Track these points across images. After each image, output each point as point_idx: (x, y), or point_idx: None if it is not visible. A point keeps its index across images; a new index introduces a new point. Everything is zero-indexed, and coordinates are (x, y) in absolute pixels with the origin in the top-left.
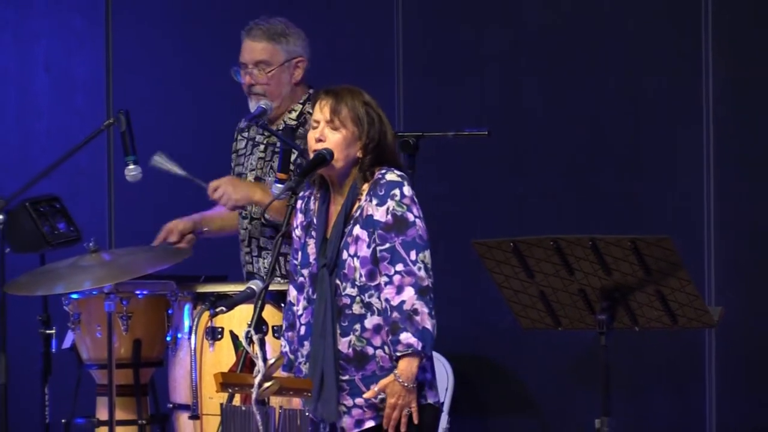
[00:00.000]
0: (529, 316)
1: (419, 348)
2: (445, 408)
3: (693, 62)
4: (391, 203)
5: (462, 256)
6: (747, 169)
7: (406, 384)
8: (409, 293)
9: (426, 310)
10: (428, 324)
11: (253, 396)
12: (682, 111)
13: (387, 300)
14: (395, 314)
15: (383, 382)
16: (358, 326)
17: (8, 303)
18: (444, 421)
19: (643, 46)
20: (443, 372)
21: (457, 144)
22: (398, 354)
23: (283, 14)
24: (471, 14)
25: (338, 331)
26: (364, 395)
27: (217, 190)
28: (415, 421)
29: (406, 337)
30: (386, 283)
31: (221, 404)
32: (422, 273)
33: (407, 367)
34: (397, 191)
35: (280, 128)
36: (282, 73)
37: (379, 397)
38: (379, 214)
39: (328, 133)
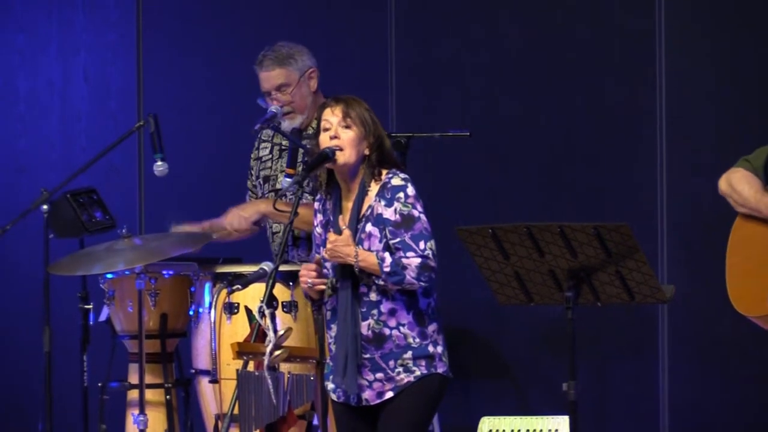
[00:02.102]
0: (505, 293)
1: (385, 269)
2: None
3: (647, 70)
4: (397, 204)
5: (447, 241)
6: (695, 165)
7: (356, 257)
8: (413, 261)
9: (414, 274)
10: (409, 275)
11: (265, 363)
12: (638, 114)
13: None
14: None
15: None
16: (375, 311)
17: (52, 282)
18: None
19: (604, 57)
20: None
21: (442, 143)
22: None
23: (295, 27)
24: (456, 29)
25: (359, 316)
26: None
27: (231, 222)
28: None
29: (388, 259)
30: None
31: (237, 370)
32: (430, 257)
33: (368, 258)
34: (401, 193)
35: (307, 134)
36: (301, 88)
37: (396, 369)
38: (389, 214)
39: (341, 132)
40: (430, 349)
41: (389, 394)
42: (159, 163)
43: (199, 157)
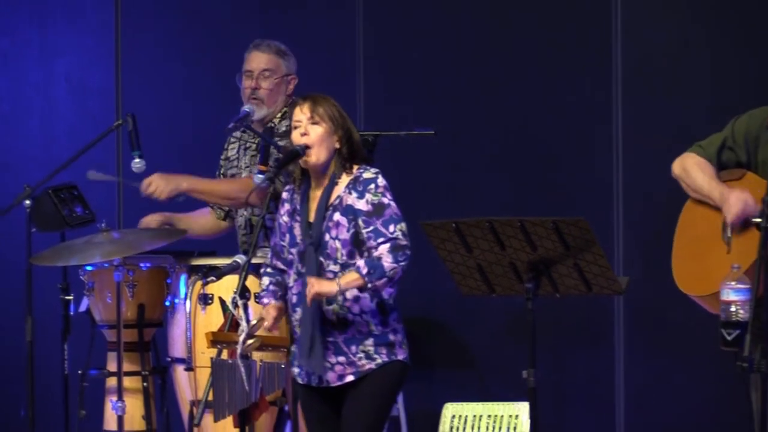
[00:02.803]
0: (468, 285)
1: (364, 272)
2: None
3: (603, 69)
4: (369, 195)
5: (412, 236)
6: (649, 161)
7: (338, 283)
8: (383, 247)
9: (390, 258)
10: (386, 263)
11: (238, 351)
12: (595, 112)
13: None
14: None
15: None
16: (340, 296)
17: (34, 273)
18: None
19: (561, 57)
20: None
21: (408, 142)
22: (349, 270)
23: (265, 28)
24: (421, 33)
25: (323, 300)
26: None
27: (150, 185)
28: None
29: (361, 263)
30: (374, 251)
31: (211, 358)
32: (400, 236)
33: (347, 276)
34: (372, 185)
35: (275, 125)
36: (280, 85)
37: (358, 354)
38: (361, 205)
39: (310, 129)
40: (391, 337)
41: (350, 378)
42: (137, 160)
43: (176, 154)
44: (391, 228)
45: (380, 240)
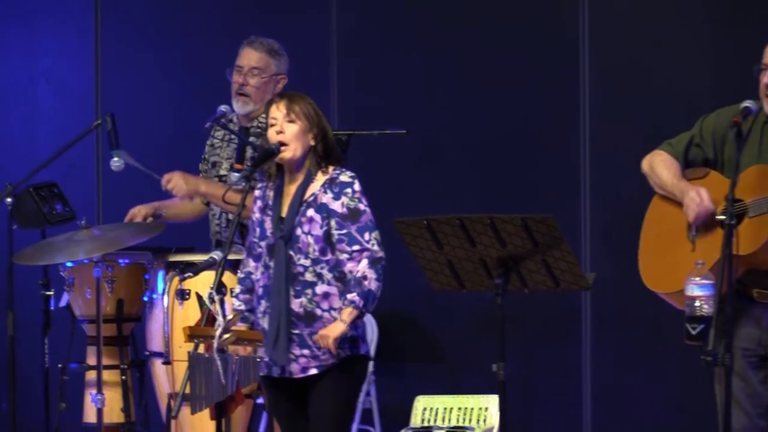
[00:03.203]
0: (439, 280)
1: (360, 305)
2: (371, 356)
3: (571, 68)
4: (345, 198)
5: (385, 232)
6: (616, 160)
7: (344, 323)
8: (363, 264)
9: (374, 276)
10: (373, 286)
11: (215, 345)
12: (563, 112)
13: (350, 271)
14: (353, 280)
15: (332, 326)
16: (309, 291)
17: (15, 270)
18: (370, 366)
19: (531, 59)
20: (370, 326)
21: (380, 141)
22: (344, 305)
23: (241, 28)
24: (395, 35)
25: (291, 293)
26: (314, 337)
27: (170, 181)
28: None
29: (352, 295)
30: (348, 260)
31: (188, 352)
32: (375, 247)
33: (347, 314)
34: (349, 189)
35: (254, 125)
36: (269, 83)
37: (322, 350)
38: (336, 206)
39: (286, 127)
40: (354, 332)
41: (313, 371)
42: (115, 159)
43: (153, 153)
44: (366, 236)
45: (355, 247)
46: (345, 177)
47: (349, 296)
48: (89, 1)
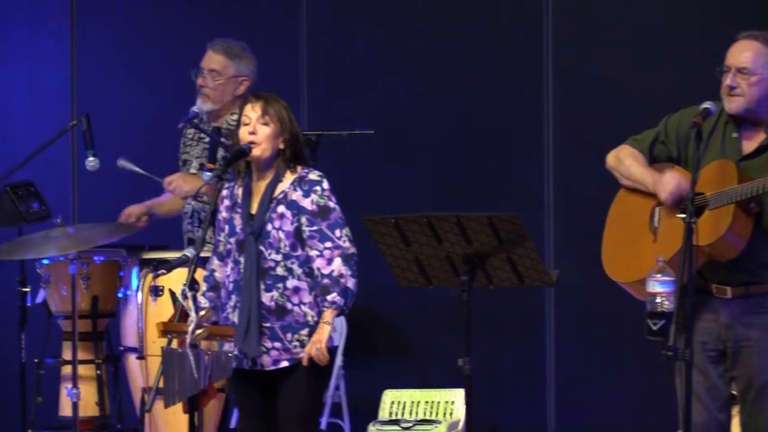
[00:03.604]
0: (407, 277)
1: (341, 304)
2: (341, 350)
3: (534, 70)
4: (314, 196)
5: (353, 230)
6: (578, 160)
7: (329, 325)
8: (337, 262)
9: (349, 273)
10: (350, 284)
11: (188, 340)
12: (527, 113)
13: (319, 269)
14: (326, 281)
15: (319, 331)
16: (281, 285)
17: None
18: (339, 359)
19: (496, 60)
20: (339, 321)
21: (349, 141)
22: (325, 308)
23: (211, 30)
24: (362, 37)
25: (262, 287)
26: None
27: (171, 183)
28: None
29: (332, 296)
30: (317, 257)
31: (162, 347)
32: (347, 244)
33: (330, 316)
34: (318, 187)
35: (223, 126)
36: (228, 85)
37: (293, 342)
38: (306, 204)
39: (259, 128)
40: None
41: (284, 363)
42: (90, 159)
43: (128, 153)
44: (337, 233)
45: (327, 244)
46: (313, 175)
47: (329, 297)
48: (65, 4)
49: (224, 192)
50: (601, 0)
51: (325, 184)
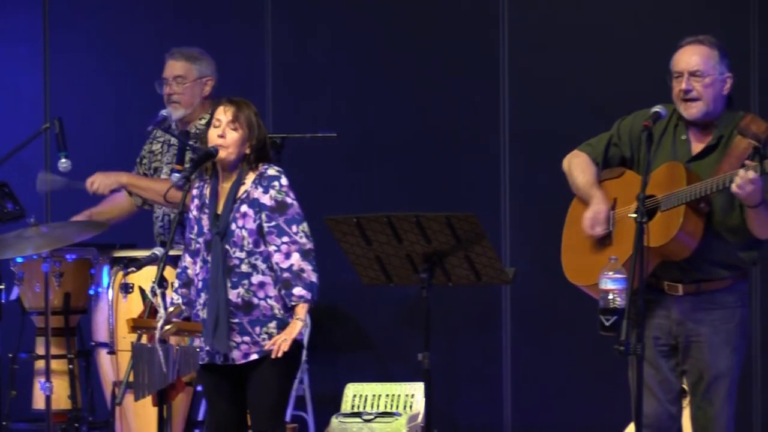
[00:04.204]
0: (368, 275)
1: (309, 297)
2: (305, 345)
3: (492, 75)
4: (272, 191)
5: (317, 229)
6: (533, 161)
7: (301, 320)
8: (295, 257)
9: (310, 267)
10: (314, 278)
11: (157, 336)
12: (484, 116)
13: (277, 263)
14: (286, 274)
15: (290, 326)
16: (246, 282)
17: None
18: (303, 355)
19: (453, 64)
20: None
21: (312, 143)
22: (293, 303)
23: (179, 35)
24: (324, 45)
25: (229, 285)
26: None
27: (93, 183)
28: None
29: (298, 290)
30: (275, 251)
31: (132, 342)
32: (304, 240)
33: (302, 311)
34: (276, 182)
35: (192, 131)
36: (194, 87)
37: (262, 335)
38: (265, 200)
39: (228, 132)
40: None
41: (254, 356)
42: (63, 160)
43: (99, 154)
44: (294, 228)
45: (284, 239)
46: (272, 171)
47: (295, 292)
48: (37, 10)
49: (194, 191)
50: (556, 2)
51: (284, 180)
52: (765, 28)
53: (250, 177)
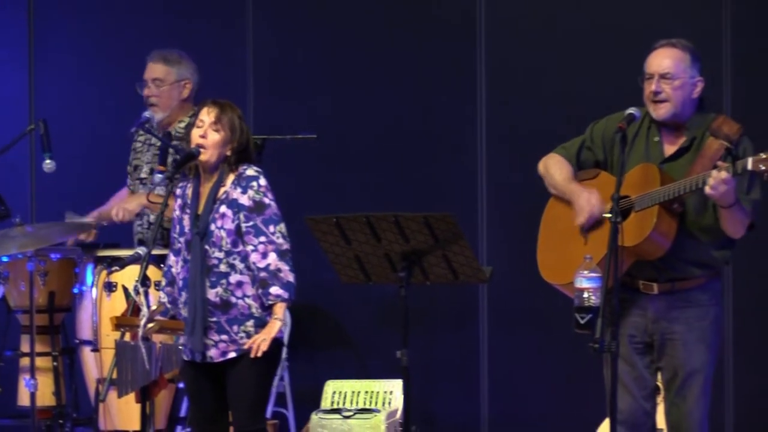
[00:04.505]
0: (348, 274)
1: (286, 296)
2: (285, 343)
3: (469, 76)
4: (251, 192)
5: (297, 228)
6: (510, 162)
7: (279, 320)
8: (272, 257)
9: (287, 267)
10: (290, 278)
11: (140, 334)
12: (462, 117)
13: (254, 263)
14: (263, 274)
15: (269, 326)
16: (224, 281)
17: None
18: (284, 352)
19: (431, 66)
20: (285, 315)
21: (293, 144)
22: (270, 302)
23: (163, 37)
24: (305, 48)
25: (207, 284)
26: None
27: (118, 214)
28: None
29: (275, 290)
30: (252, 251)
31: (115, 340)
32: (281, 240)
33: (280, 310)
34: (255, 183)
35: (173, 133)
36: (173, 90)
37: (239, 334)
38: (243, 200)
39: (210, 133)
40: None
41: (232, 354)
42: (47, 161)
43: (83, 155)
44: (271, 228)
45: (261, 239)
46: (251, 171)
47: (272, 291)
48: (22, 12)
49: (177, 191)
50: (534, 3)
51: (262, 181)
52: (737, 32)
53: (230, 178)
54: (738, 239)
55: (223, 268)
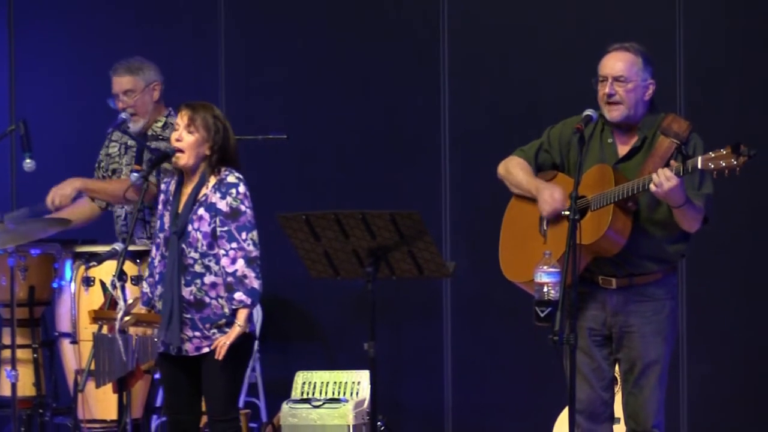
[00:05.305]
0: (317, 269)
1: (248, 302)
2: (257, 335)
3: (433, 79)
4: (229, 198)
5: (269, 226)
6: (472, 163)
7: (240, 326)
8: (240, 263)
9: (253, 274)
10: (255, 284)
11: (117, 327)
12: (426, 120)
13: (224, 267)
14: (230, 278)
15: (230, 331)
16: (198, 281)
17: None
18: (255, 344)
19: (397, 72)
20: (256, 309)
21: (264, 144)
22: (234, 307)
23: (138, 44)
24: (275, 51)
25: (183, 282)
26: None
27: (53, 200)
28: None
29: (239, 295)
30: (223, 255)
31: (93, 333)
32: (251, 247)
33: (242, 316)
34: (234, 190)
35: (149, 133)
36: (145, 95)
37: (212, 330)
38: (221, 205)
39: (185, 135)
40: None
41: (206, 349)
42: (28, 161)
43: (62, 155)
44: (244, 235)
45: (233, 245)
46: (232, 178)
47: (236, 296)
48: (3, 12)
49: (162, 186)
50: (496, 6)
51: (242, 188)
52: (689, 33)
53: (212, 180)
54: (692, 233)
55: (198, 268)
